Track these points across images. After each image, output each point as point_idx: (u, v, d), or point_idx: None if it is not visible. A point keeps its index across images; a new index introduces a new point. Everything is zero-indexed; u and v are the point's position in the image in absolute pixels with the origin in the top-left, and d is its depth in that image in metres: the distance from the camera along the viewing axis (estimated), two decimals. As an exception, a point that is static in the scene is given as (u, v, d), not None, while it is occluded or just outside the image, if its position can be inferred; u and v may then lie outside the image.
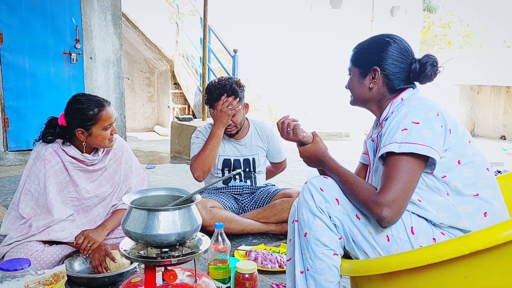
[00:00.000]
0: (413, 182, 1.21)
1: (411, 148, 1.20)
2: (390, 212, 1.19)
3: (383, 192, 1.20)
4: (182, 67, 7.20)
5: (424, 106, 1.27)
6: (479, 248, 1.07)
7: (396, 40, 1.39)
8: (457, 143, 1.27)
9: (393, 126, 1.26)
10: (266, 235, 2.49)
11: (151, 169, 4.51)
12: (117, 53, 5.01)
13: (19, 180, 1.97)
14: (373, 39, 1.42)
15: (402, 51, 1.38)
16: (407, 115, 1.25)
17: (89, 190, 2.01)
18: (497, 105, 7.74)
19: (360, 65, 1.43)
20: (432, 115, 1.24)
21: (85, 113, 1.87)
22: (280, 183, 2.96)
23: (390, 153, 1.23)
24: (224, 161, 2.58)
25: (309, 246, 1.33)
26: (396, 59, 1.37)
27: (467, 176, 1.28)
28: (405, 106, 1.29)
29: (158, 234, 1.24)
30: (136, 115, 8.27)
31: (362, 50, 1.43)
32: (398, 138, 1.22)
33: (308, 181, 1.38)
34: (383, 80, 1.39)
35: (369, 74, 1.40)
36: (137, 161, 2.21)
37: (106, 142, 1.95)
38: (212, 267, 1.67)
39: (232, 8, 7.66)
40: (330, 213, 1.32)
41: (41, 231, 1.87)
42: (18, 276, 1.24)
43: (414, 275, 1.17)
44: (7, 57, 4.37)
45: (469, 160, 1.28)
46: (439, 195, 1.28)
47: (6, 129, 4.46)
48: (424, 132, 1.21)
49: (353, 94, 1.47)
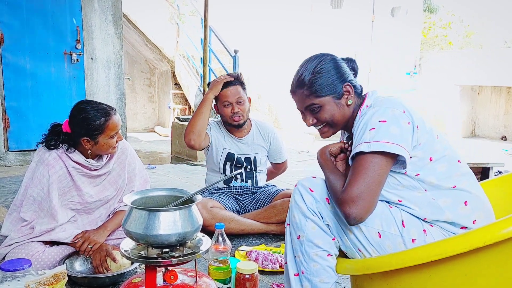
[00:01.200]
0: (380, 178, 1.21)
1: (380, 146, 1.20)
2: (355, 208, 1.18)
3: (347, 189, 1.21)
4: (183, 67, 7.20)
5: (389, 104, 1.28)
6: (479, 246, 1.08)
7: (328, 54, 1.42)
8: (427, 140, 1.28)
9: (361, 128, 1.27)
10: (267, 236, 2.49)
11: (152, 169, 4.51)
12: (118, 53, 5.02)
13: (20, 181, 1.96)
14: (321, 63, 1.39)
15: (339, 59, 1.43)
16: (374, 115, 1.26)
17: (93, 194, 2.00)
18: (497, 105, 7.73)
19: (330, 91, 1.38)
20: (398, 112, 1.25)
21: (92, 123, 1.84)
22: (281, 183, 2.96)
23: (359, 152, 1.24)
24: (228, 155, 2.59)
25: (302, 248, 1.33)
26: (345, 68, 1.41)
27: (440, 171, 1.29)
28: (372, 108, 1.30)
29: (159, 234, 1.24)
30: (137, 115, 8.28)
31: (321, 79, 1.38)
32: (366, 137, 1.23)
33: (298, 183, 1.38)
34: (353, 92, 1.40)
35: (343, 93, 1.39)
36: (140, 163, 2.21)
37: (111, 150, 1.95)
38: (213, 268, 1.67)
39: (233, 7, 7.67)
40: (322, 213, 1.32)
41: (43, 233, 1.87)
42: (19, 276, 1.24)
43: (415, 273, 1.17)
44: (8, 57, 4.37)
45: (440, 155, 1.29)
46: (417, 193, 1.29)
47: (7, 129, 4.46)
48: (391, 130, 1.22)
49: (334, 121, 1.41)
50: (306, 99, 1.39)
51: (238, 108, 2.48)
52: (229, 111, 2.48)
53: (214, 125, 2.65)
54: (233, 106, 2.47)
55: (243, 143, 2.62)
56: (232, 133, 2.61)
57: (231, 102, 2.47)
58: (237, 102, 2.48)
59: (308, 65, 1.40)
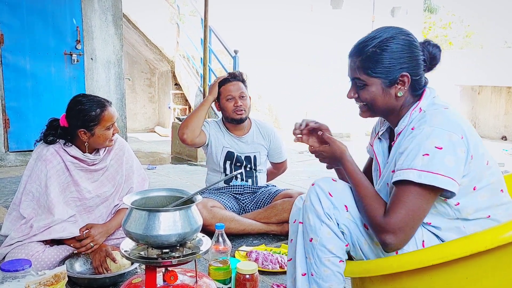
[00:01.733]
0: (424, 211, 1.15)
1: (432, 180, 1.11)
2: (395, 239, 1.14)
3: (391, 217, 1.14)
4: (183, 67, 7.20)
5: (449, 126, 1.14)
6: (480, 249, 1.08)
7: (410, 34, 1.26)
8: (476, 168, 1.18)
9: (413, 147, 1.15)
10: (267, 236, 2.48)
11: (152, 169, 4.51)
12: (118, 53, 5.02)
13: (20, 181, 1.97)
14: (391, 40, 1.23)
15: (417, 44, 1.25)
16: (430, 137, 1.13)
17: (91, 190, 2.01)
18: (498, 105, 7.73)
19: (382, 74, 1.24)
20: (456, 139, 1.13)
21: (88, 114, 1.88)
22: (281, 183, 2.97)
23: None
24: (227, 153, 2.59)
25: (314, 252, 1.29)
26: (417, 57, 1.25)
27: (481, 201, 1.20)
28: (428, 124, 1.16)
29: (159, 234, 1.24)
30: (137, 115, 8.28)
31: (384, 57, 1.23)
32: (418, 164, 1.12)
33: (316, 184, 1.31)
34: (410, 87, 1.26)
35: (397, 82, 1.24)
36: (138, 162, 2.22)
37: (107, 142, 1.97)
38: (213, 268, 1.67)
39: (233, 7, 7.67)
40: (338, 220, 1.27)
41: (42, 231, 1.87)
42: (19, 276, 1.24)
43: (416, 276, 1.17)
44: (8, 57, 4.37)
45: (485, 183, 1.20)
46: (448, 219, 1.22)
47: (7, 129, 4.46)
48: (446, 160, 1.11)
49: (374, 105, 1.30)
50: (355, 71, 1.28)
51: (241, 102, 2.52)
52: (232, 105, 2.52)
53: (213, 124, 2.66)
54: (236, 100, 2.51)
55: (242, 142, 2.62)
56: (232, 131, 2.63)
57: (234, 96, 2.52)
58: (240, 97, 2.53)
59: (380, 35, 1.25)
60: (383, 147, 1.38)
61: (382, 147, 1.38)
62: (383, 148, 1.38)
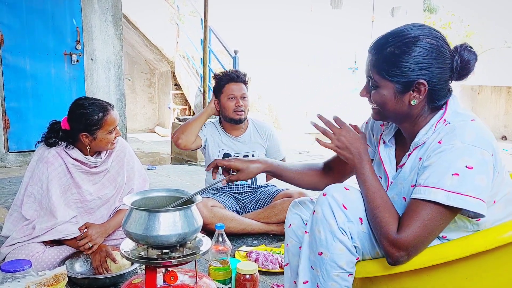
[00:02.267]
0: (441, 229, 1.09)
1: (461, 202, 1.03)
2: (406, 256, 1.09)
3: (405, 234, 1.07)
4: (183, 68, 7.21)
5: (480, 143, 1.06)
6: (480, 249, 1.08)
7: (436, 38, 1.11)
8: (497, 183, 1.11)
9: (441, 164, 1.06)
10: (267, 236, 2.49)
11: (152, 170, 4.51)
12: (118, 54, 5.02)
13: (20, 182, 1.97)
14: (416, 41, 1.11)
15: (444, 51, 1.12)
16: (462, 155, 1.04)
17: (92, 192, 2.01)
18: (498, 105, 7.73)
19: (396, 77, 1.13)
20: (488, 157, 1.05)
21: (90, 118, 1.87)
22: (281, 183, 2.96)
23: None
24: (224, 155, 2.60)
25: (323, 266, 1.20)
26: (441, 66, 1.12)
27: (496, 213, 1.14)
28: (459, 140, 1.06)
29: (159, 235, 1.24)
30: (137, 116, 8.28)
31: (394, 58, 1.12)
32: (446, 184, 1.04)
33: (328, 194, 1.20)
34: (427, 96, 1.15)
35: (411, 89, 1.13)
36: (139, 162, 2.22)
37: (109, 146, 1.97)
38: (213, 268, 1.67)
39: (233, 7, 7.68)
40: (353, 234, 1.17)
41: (44, 233, 1.87)
42: (19, 277, 1.24)
43: (416, 276, 1.17)
44: (7, 58, 4.37)
45: (502, 195, 1.15)
46: (464, 231, 1.16)
47: (7, 130, 4.46)
48: (477, 180, 1.03)
49: (384, 110, 1.20)
50: (370, 68, 1.17)
51: (243, 102, 2.54)
52: (234, 104, 2.53)
53: (210, 125, 2.67)
54: (238, 100, 2.53)
55: (240, 142, 2.63)
56: (229, 132, 2.63)
57: (236, 96, 2.53)
58: (242, 97, 2.55)
59: (404, 33, 1.12)
60: (389, 154, 1.29)
61: (389, 153, 1.30)
62: (389, 155, 1.29)
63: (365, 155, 1.24)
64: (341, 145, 1.26)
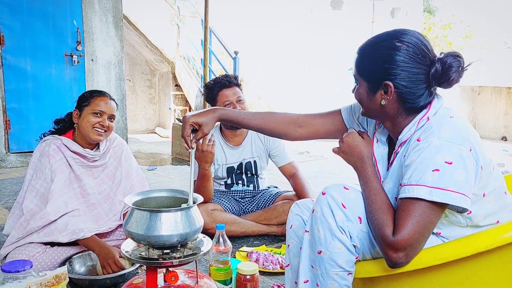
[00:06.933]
0: (434, 225, 1.11)
1: (443, 197, 1.06)
2: (404, 257, 1.10)
3: (400, 234, 1.09)
4: (183, 68, 7.21)
5: (457, 139, 1.09)
6: (481, 250, 1.08)
7: (408, 43, 1.15)
8: (486, 176, 1.15)
9: (421, 161, 1.10)
10: (268, 236, 2.49)
11: (153, 170, 4.52)
12: (118, 55, 5.02)
13: (21, 182, 1.98)
14: (378, 44, 1.19)
15: (416, 56, 1.14)
16: (439, 151, 1.08)
17: (93, 186, 2.04)
18: (498, 106, 7.74)
19: (366, 77, 1.22)
20: (465, 152, 1.08)
21: (84, 95, 2.04)
22: (282, 185, 2.96)
23: None
24: (227, 169, 2.58)
25: (322, 264, 1.22)
26: (410, 70, 1.15)
27: (487, 207, 1.17)
28: (436, 137, 1.10)
29: (160, 235, 1.24)
30: (137, 117, 8.29)
31: (366, 59, 1.21)
32: (428, 180, 1.08)
33: (327, 193, 1.23)
34: (397, 98, 1.18)
35: (380, 89, 1.19)
36: (136, 163, 2.25)
37: (91, 130, 1.97)
38: (214, 268, 1.67)
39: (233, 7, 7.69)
40: (352, 233, 1.20)
41: (41, 226, 1.86)
42: (19, 277, 1.24)
43: (416, 276, 1.17)
44: (8, 59, 4.38)
45: (492, 188, 1.18)
46: (458, 226, 1.19)
47: (8, 131, 4.46)
48: (457, 174, 1.07)
49: (363, 107, 1.29)
50: (354, 66, 1.27)
51: (239, 106, 2.45)
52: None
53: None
54: (234, 105, 2.44)
55: (241, 150, 2.59)
56: (229, 140, 2.57)
57: (232, 101, 2.44)
58: (237, 101, 2.45)
59: (381, 36, 1.20)
60: (382, 153, 1.32)
61: (382, 152, 1.32)
62: (382, 154, 1.31)
63: (368, 158, 1.28)
64: (345, 149, 1.33)
